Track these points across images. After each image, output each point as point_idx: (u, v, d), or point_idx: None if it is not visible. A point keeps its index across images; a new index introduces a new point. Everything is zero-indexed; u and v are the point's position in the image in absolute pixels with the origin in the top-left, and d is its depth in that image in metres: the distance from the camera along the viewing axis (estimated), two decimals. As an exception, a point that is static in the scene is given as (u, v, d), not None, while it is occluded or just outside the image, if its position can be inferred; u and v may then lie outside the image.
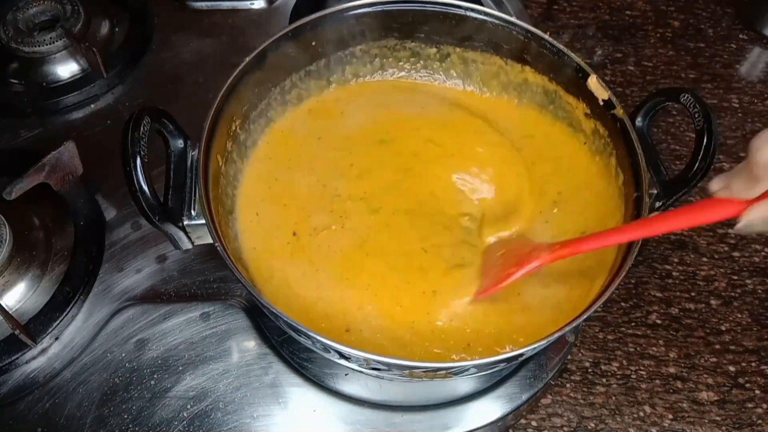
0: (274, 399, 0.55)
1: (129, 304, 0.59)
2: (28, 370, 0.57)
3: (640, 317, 0.62)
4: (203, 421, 0.54)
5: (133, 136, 0.46)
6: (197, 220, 0.50)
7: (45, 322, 0.57)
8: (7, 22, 0.73)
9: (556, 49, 0.58)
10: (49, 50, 0.72)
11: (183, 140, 0.52)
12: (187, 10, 0.81)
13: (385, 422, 0.55)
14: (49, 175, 0.60)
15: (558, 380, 0.58)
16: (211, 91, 0.53)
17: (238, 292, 0.60)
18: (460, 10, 0.59)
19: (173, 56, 0.77)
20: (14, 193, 0.58)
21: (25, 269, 0.59)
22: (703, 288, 0.63)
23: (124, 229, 0.64)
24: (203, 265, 0.62)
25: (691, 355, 0.60)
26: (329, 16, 0.58)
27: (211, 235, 0.48)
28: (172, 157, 0.52)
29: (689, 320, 0.62)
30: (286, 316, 0.44)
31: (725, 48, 0.81)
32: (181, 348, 0.57)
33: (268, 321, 0.58)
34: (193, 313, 0.59)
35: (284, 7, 0.80)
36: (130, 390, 0.55)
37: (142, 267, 0.62)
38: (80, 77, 0.73)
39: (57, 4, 0.75)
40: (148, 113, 0.48)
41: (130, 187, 0.46)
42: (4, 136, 0.70)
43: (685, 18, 0.84)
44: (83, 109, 0.72)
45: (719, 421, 0.57)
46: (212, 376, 0.56)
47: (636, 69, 0.79)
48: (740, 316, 0.62)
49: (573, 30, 0.82)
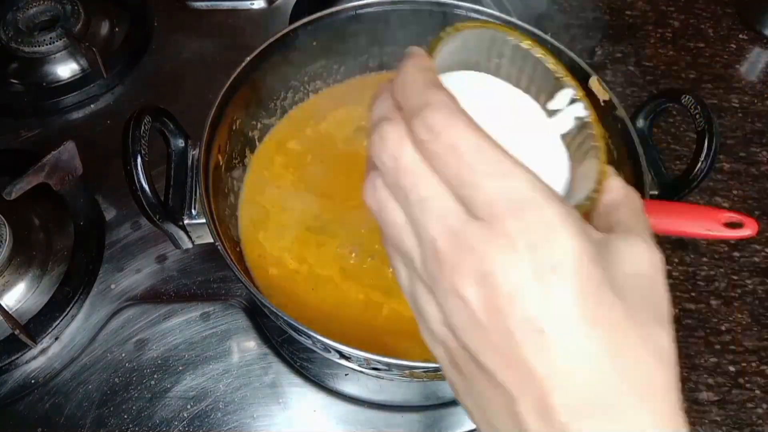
0: (274, 399, 0.55)
1: (129, 304, 0.59)
2: (28, 370, 0.57)
3: (640, 317, 0.62)
4: (203, 421, 0.54)
5: (134, 135, 0.46)
6: (198, 219, 0.50)
7: (45, 322, 0.57)
8: (7, 22, 0.73)
9: (556, 49, 0.58)
10: (49, 50, 0.72)
11: (183, 139, 0.52)
12: (187, 10, 0.81)
13: (385, 422, 0.55)
14: (49, 175, 0.60)
15: (558, 380, 0.58)
16: (211, 91, 0.53)
17: (238, 292, 0.60)
18: (461, 10, 0.59)
19: (173, 56, 0.77)
20: (14, 193, 0.58)
21: (25, 269, 0.59)
22: (703, 288, 0.63)
23: (124, 229, 0.64)
24: (203, 265, 0.62)
25: (691, 355, 0.60)
26: (330, 15, 0.58)
27: (212, 234, 0.48)
28: (172, 156, 0.52)
29: (689, 320, 0.62)
30: (287, 315, 0.44)
31: (725, 48, 0.81)
32: (181, 348, 0.57)
33: (268, 321, 0.58)
34: (193, 313, 0.59)
35: (284, 7, 0.80)
36: (130, 390, 0.55)
37: (142, 267, 0.62)
38: (80, 77, 0.73)
39: (57, 4, 0.75)
40: (149, 112, 0.48)
41: (131, 186, 0.46)
42: (4, 136, 0.70)
43: (685, 18, 0.84)
44: (83, 109, 0.72)
45: (719, 421, 0.57)
46: (212, 376, 0.56)
47: (636, 69, 0.79)
48: (740, 316, 0.62)
49: (573, 30, 0.82)
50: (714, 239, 0.59)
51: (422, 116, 0.26)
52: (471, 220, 0.25)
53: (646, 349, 0.26)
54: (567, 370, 0.25)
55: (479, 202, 0.25)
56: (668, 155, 0.71)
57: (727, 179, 0.70)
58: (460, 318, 0.26)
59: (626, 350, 0.25)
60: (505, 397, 0.26)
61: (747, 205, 0.68)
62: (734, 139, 0.73)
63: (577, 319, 0.24)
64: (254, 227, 0.57)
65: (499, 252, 0.24)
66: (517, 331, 0.25)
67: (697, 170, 0.49)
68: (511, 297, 0.24)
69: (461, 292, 0.25)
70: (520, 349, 0.25)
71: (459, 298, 0.26)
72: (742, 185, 0.70)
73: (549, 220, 0.24)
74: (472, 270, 0.25)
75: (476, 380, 0.27)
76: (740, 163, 0.71)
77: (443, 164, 0.26)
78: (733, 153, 0.72)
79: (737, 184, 0.70)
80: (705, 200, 0.68)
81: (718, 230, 0.43)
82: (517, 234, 0.24)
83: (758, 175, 0.70)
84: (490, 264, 0.25)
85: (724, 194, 0.69)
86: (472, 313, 0.25)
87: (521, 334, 0.25)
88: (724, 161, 0.71)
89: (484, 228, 0.25)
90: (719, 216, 0.43)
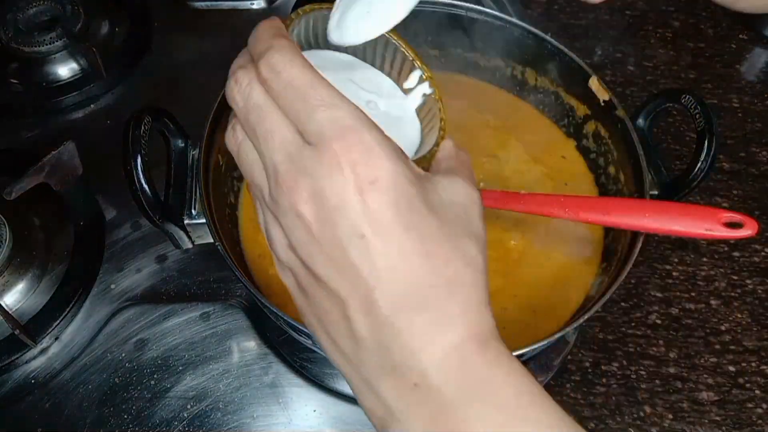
0: (274, 399, 0.55)
1: (129, 304, 0.59)
2: (28, 370, 0.57)
3: (640, 317, 0.62)
4: (203, 421, 0.54)
5: (134, 135, 0.46)
6: (198, 219, 0.50)
7: (45, 322, 0.57)
8: (7, 22, 0.73)
9: (557, 50, 0.58)
10: (49, 50, 0.72)
11: (183, 139, 0.52)
12: (187, 10, 0.81)
13: (386, 422, 0.55)
14: (49, 175, 0.60)
15: (558, 380, 0.58)
16: (211, 91, 0.53)
17: (238, 292, 0.60)
18: (461, 10, 0.59)
19: (173, 56, 0.77)
20: (14, 193, 0.58)
21: (25, 269, 0.59)
22: (703, 288, 0.63)
23: (123, 229, 0.64)
24: (203, 265, 0.62)
25: (691, 355, 0.60)
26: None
27: (212, 234, 0.48)
28: (172, 156, 0.52)
29: (689, 320, 0.62)
30: (287, 315, 0.44)
31: (725, 48, 0.81)
32: (181, 348, 0.57)
33: (268, 321, 0.58)
34: (193, 313, 0.59)
35: (284, 7, 0.80)
36: (130, 390, 0.55)
37: (142, 267, 0.62)
38: (80, 77, 0.73)
39: (57, 4, 0.74)
40: (149, 112, 0.48)
41: (131, 185, 0.46)
42: (4, 136, 0.70)
43: (685, 18, 0.84)
44: (83, 109, 0.72)
45: (719, 421, 0.57)
46: (212, 376, 0.56)
47: (636, 69, 0.79)
48: (740, 316, 0.62)
49: (573, 30, 0.82)
50: (714, 239, 0.59)
51: (266, 58, 0.30)
52: (305, 145, 0.29)
53: (455, 254, 0.30)
54: (386, 268, 0.29)
55: (311, 130, 0.29)
56: (668, 155, 0.71)
57: (727, 179, 0.70)
58: (299, 235, 0.30)
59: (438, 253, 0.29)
60: (339, 303, 0.30)
61: (747, 205, 0.68)
62: (734, 139, 0.73)
63: (393, 224, 0.28)
64: (254, 227, 0.57)
65: (327, 171, 0.28)
66: (344, 238, 0.29)
67: (697, 170, 0.49)
68: (338, 209, 0.28)
69: (298, 209, 0.29)
70: (347, 254, 0.29)
71: (296, 216, 0.29)
72: (742, 185, 0.70)
73: (368, 143, 0.29)
74: (306, 189, 0.29)
75: (317, 296, 0.31)
76: (740, 163, 0.71)
77: (283, 99, 0.30)
78: (733, 153, 0.72)
79: (737, 184, 0.70)
80: (705, 200, 0.68)
81: (718, 230, 0.43)
82: (342, 154, 0.28)
83: (758, 175, 0.70)
84: (319, 182, 0.29)
85: (724, 194, 0.69)
86: (308, 229, 0.29)
87: (347, 241, 0.29)
88: (724, 161, 0.71)
89: (314, 151, 0.29)
90: (719, 216, 0.43)
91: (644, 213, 0.44)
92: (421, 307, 0.29)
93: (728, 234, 0.42)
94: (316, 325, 0.32)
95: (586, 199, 0.46)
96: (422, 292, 0.29)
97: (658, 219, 0.44)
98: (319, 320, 0.32)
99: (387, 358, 0.29)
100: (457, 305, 0.30)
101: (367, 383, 0.30)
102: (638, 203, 0.48)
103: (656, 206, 0.46)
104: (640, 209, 0.45)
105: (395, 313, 0.29)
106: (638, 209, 0.45)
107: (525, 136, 0.62)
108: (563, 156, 0.62)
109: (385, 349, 0.29)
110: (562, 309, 0.52)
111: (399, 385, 0.29)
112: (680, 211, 0.44)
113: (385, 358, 0.29)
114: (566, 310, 0.52)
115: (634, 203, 0.48)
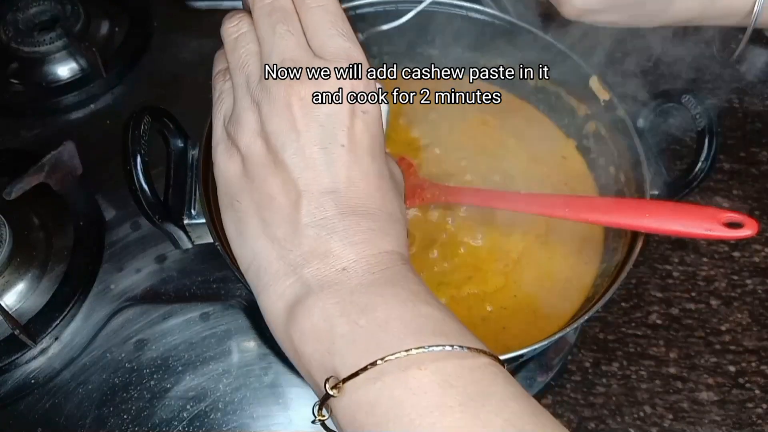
0: (274, 399, 0.55)
1: (129, 305, 0.59)
2: (28, 370, 0.57)
3: (640, 317, 0.62)
4: (203, 421, 0.54)
5: (134, 135, 0.46)
6: (198, 219, 0.50)
7: (45, 322, 0.57)
8: (7, 22, 0.73)
9: (557, 50, 0.58)
10: (49, 50, 0.72)
11: (183, 139, 0.52)
12: (187, 10, 0.81)
13: (386, 422, 0.55)
14: (49, 175, 0.60)
15: (558, 381, 0.58)
16: (211, 91, 0.53)
17: (238, 292, 0.60)
18: (461, 10, 0.59)
19: (173, 56, 0.77)
20: (14, 193, 0.58)
21: (25, 269, 0.59)
22: (703, 288, 0.63)
23: (123, 229, 0.64)
24: (203, 265, 0.62)
25: (692, 355, 0.60)
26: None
27: (212, 234, 0.48)
28: (172, 156, 0.52)
29: (689, 320, 0.62)
30: (287, 315, 0.44)
31: (725, 48, 0.81)
32: (181, 348, 0.57)
33: (268, 321, 0.58)
34: (193, 314, 0.59)
35: (284, 7, 0.80)
36: (129, 390, 0.55)
37: (142, 267, 0.62)
38: (80, 77, 0.73)
39: (57, 4, 0.74)
40: (149, 112, 0.48)
41: (131, 185, 0.46)
42: (3, 136, 0.70)
43: (685, 18, 0.84)
44: (83, 109, 0.72)
45: (719, 421, 0.57)
46: (212, 377, 0.56)
47: (636, 69, 0.79)
48: (740, 316, 0.62)
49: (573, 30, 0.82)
50: (714, 239, 0.59)
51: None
52: (317, 57, 0.35)
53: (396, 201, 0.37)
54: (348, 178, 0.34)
55: (328, 49, 0.35)
56: (668, 155, 0.71)
57: (727, 179, 0.70)
58: (279, 123, 0.34)
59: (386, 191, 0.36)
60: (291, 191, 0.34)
61: (747, 205, 0.68)
62: (734, 139, 0.73)
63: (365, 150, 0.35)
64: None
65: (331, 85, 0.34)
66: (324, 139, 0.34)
67: (698, 170, 0.49)
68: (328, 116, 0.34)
69: (290, 100, 0.34)
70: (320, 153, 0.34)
71: (286, 106, 0.34)
72: (742, 185, 0.70)
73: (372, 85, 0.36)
74: (307, 89, 0.34)
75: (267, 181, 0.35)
76: (740, 163, 0.71)
77: (312, 15, 0.35)
78: (733, 153, 0.72)
79: (737, 184, 0.70)
80: (705, 200, 0.68)
81: (718, 230, 0.43)
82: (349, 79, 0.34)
83: (758, 175, 0.70)
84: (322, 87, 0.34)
85: (724, 194, 0.69)
86: (291, 120, 0.34)
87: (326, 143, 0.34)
88: (724, 161, 0.71)
89: (326, 64, 0.34)
90: (719, 216, 0.43)
91: (644, 213, 0.44)
92: (368, 217, 0.34)
93: (728, 234, 0.42)
94: (251, 208, 0.35)
95: (586, 199, 0.46)
96: (370, 209, 0.35)
97: (658, 219, 0.44)
98: (257, 204, 0.35)
99: (324, 245, 0.33)
100: (393, 230, 0.35)
101: (292, 265, 0.34)
102: (638, 203, 0.48)
103: (656, 206, 0.46)
104: (640, 209, 0.45)
105: (345, 213, 0.34)
106: (638, 209, 0.45)
107: (525, 136, 0.62)
108: (563, 156, 0.62)
109: (326, 237, 0.33)
110: (563, 309, 0.53)
111: (326, 267, 0.33)
112: (680, 211, 0.44)
113: (322, 244, 0.33)
114: (566, 310, 0.52)
115: (634, 203, 0.48)
